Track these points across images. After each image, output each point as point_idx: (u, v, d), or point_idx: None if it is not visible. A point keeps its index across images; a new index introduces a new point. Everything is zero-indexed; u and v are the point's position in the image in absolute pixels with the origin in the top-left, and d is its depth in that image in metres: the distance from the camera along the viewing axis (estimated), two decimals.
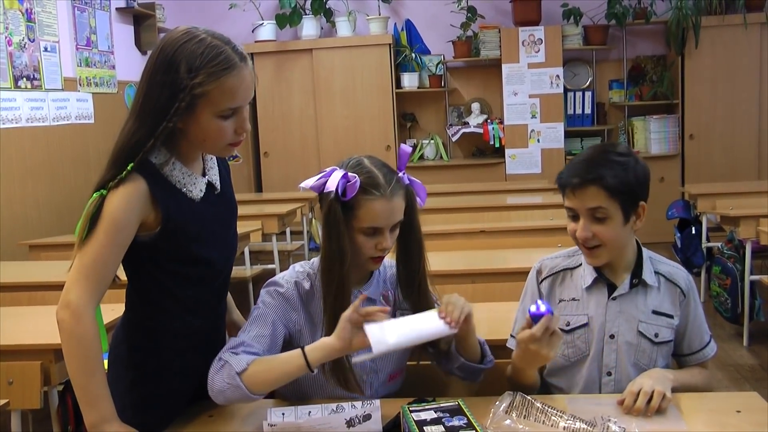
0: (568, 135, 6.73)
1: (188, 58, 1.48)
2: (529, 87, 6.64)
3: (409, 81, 6.83)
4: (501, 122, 6.76)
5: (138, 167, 1.51)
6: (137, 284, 1.65)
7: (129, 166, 1.50)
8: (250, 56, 2.55)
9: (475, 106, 6.94)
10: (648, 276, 1.77)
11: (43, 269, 3.51)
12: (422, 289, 1.73)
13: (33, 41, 4.93)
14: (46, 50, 5.08)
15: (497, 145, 6.77)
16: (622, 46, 6.82)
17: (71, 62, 5.42)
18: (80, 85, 5.52)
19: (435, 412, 1.47)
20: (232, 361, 1.55)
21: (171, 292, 1.62)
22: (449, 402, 1.52)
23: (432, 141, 7.02)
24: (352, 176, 1.61)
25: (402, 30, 6.97)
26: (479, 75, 7.04)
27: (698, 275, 4.91)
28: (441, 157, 7.01)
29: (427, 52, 6.97)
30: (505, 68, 6.64)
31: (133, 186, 1.51)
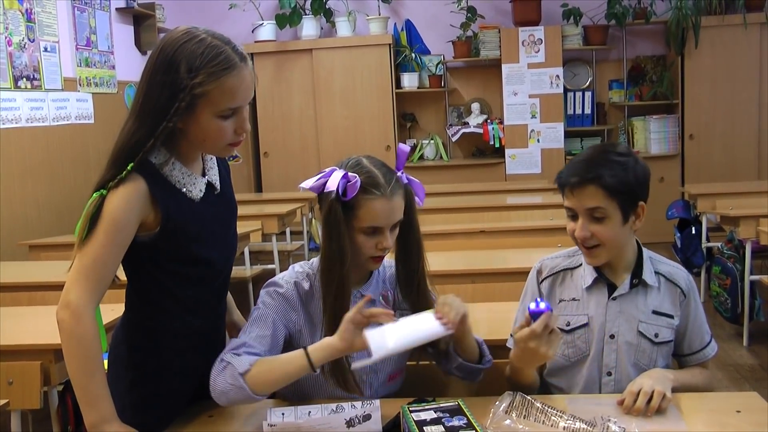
0: (568, 135, 6.73)
1: (188, 58, 1.48)
2: (529, 87, 6.64)
3: (409, 81, 6.83)
4: (501, 122, 6.76)
5: (138, 167, 1.51)
6: (137, 284, 1.65)
7: (129, 166, 1.50)
8: (250, 56, 2.55)
9: (475, 106, 6.94)
10: (648, 276, 1.77)
11: (43, 269, 3.51)
12: (421, 289, 1.73)
13: (33, 41, 4.93)
14: (46, 50, 5.08)
15: (497, 145, 6.77)
16: (622, 46, 6.82)
17: (71, 62, 5.42)
18: (80, 85, 5.52)
19: (435, 412, 1.47)
20: (235, 362, 1.55)
21: (171, 292, 1.62)
22: (449, 402, 1.52)
23: (432, 141, 7.02)
24: (353, 176, 1.60)
25: (402, 30, 6.97)
26: (479, 75, 7.04)
27: (698, 275, 4.91)
28: (441, 157, 7.01)
29: (427, 52, 6.97)
30: (505, 68, 6.64)
31: (133, 186, 1.51)
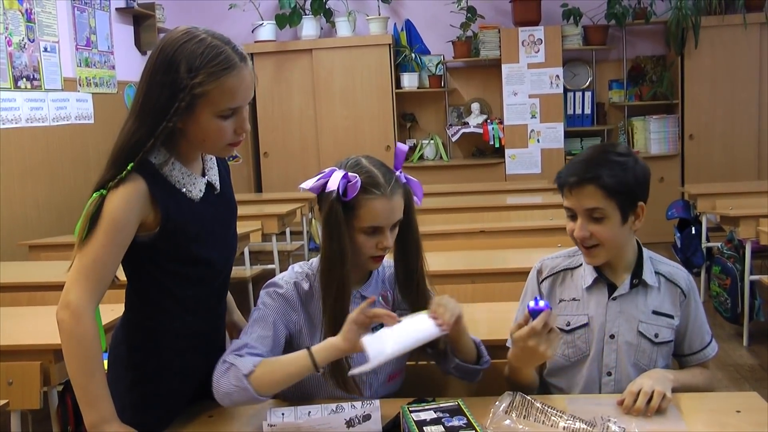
0: (568, 135, 6.73)
1: (188, 58, 1.48)
2: (529, 87, 6.64)
3: (409, 81, 6.83)
4: (501, 122, 6.76)
5: (138, 167, 1.51)
6: (137, 284, 1.65)
7: (129, 166, 1.50)
8: (250, 56, 2.55)
9: (475, 106, 6.94)
10: (648, 276, 1.77)
11: (43, 269, 3.51)
12: (420, 289, 1.73)
13: (33, 41, 4.93)
14: (46, 50, 5.08)
15: (497, 145, 6.77)
16: (622, 46, 6.82)
17: (71, 62, 5.42)
18: (80, 86, 5.52)
19: (435, 413, 1.47)
20: (239, 364, 1.55)
21: (171, 292, 1.62)
22: (449, 402, 1.52)
23: (432, 141, 7.01)
24: (353, 176, 1.60)
25: (402, 30, 6.97)
26: (479, 75, 7.03)
27: (698, 275, 4.91)
28: (441, 158, 7.01)
29: (427, 53, 6.97)
30: (505, 68, 6.64)
31: (133, 186, 1.51)
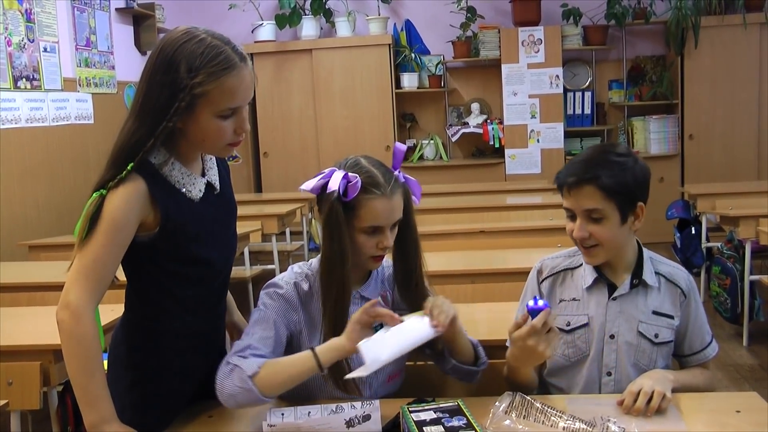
0: (568, 135, 6.73)
1: (188, 58, 1.48)
2: (529, 87, 6.64)
3: (409, 81, 6.83)
4: (501, 122, 6.76)
5: (137, 167, 1.51)
6: (137, 284, 1.65)
7: (129, 166, 1.50)
8: (250, 56, 2.54)
9: (475, 107, 6.94)
10: (648, 276, 1.77)
11: (43, 270, 3.51)
12: (419, 289, 1.73)
13: (32, 41, 4.93)
14: (46, 51, 5.08)
15: (497, 146, 6.77)
16: (622, 47, 6.82)
17: (71, 63, 5.42)
18: (80, 86, 5.52)
19: (434, 413, 1.47)
20: (243, 365, 1.54)
21: (170, 292, 1.62)
22: (449, 402, 1.52)
23: (432, 141, 7.01)
24: (353, 176, 1.60)
25: (402, 30, 6.97)
26: (479, 75, 7.03)
27: (698, 275, 4.91)
28: (441, 158, 7.01)
29: (427, 53, 6.96)
30: (505, 68, 6.64)
31: (133, 186, 1.51)
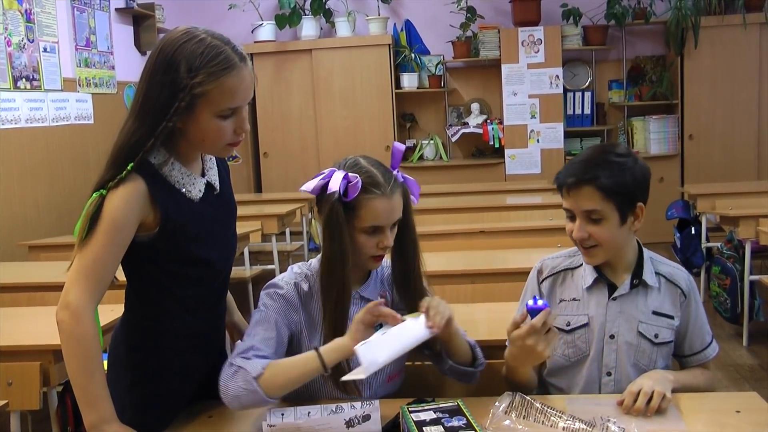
0: (568, 135, 6.73)
1: (188, 58, 1.48)
2: (529, 87, 6.64)
3: (409, 81, 6.83)
4: (500, 122, 6.76)
5: (137, 167, 1.51)
6: (136, 284, 1.65)
7: (128, 167, 1.50)
8: (250, 56, 2.55)
9: (475, 107, 6.94)
10: (648, 276, 1.77)
11: (43, 270, 3.50)
12: (417, 289, 1.73)
13: (32, 42, 4.93)
14: (46, 51, 5.08)
15: (497, 146, 6.77)
16: (622, 47, 6.82)
17: (70, 63, 5.42)
18: (79, 86, 5.52)
19: (434, 413, 1.48)
20: (247, 366, 1.54)
21: (170, 293, 1.62)
22: (448, 402, 1.53)
23: (431, 141, 7.01)
24: (353, 176, 1.60)
25: (401, 30, 6.97)
26: (479, 75, 7.03)
27: (698, 275, 4.90)
28: (440, 158, 7.01)
29: (427, 53, 6.96)
30: (505, 68, 6.64)
31: (133, 186, 1.51)
